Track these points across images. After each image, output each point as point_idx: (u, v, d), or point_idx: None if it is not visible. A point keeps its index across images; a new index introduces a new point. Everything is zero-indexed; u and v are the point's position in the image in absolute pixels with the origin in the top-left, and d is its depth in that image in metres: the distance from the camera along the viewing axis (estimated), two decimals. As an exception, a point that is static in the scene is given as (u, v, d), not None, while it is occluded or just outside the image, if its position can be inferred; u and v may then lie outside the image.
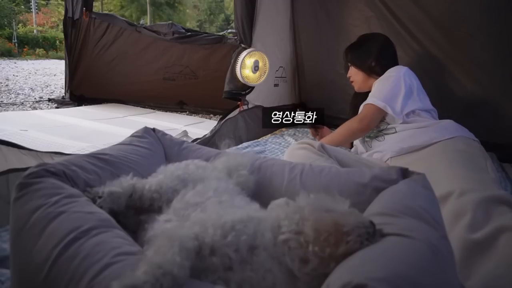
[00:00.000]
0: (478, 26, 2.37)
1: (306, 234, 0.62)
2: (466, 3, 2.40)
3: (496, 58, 2.36)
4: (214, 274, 0.59)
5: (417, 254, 0.60)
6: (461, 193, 1.12)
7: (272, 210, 0.72)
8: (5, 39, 15.38)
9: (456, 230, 1.04)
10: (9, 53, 14.37)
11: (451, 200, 1.12)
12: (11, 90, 5.69)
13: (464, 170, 1.26)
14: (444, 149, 1.46)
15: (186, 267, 0.56)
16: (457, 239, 1.02)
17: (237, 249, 0.61)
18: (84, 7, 4.32)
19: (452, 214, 1.08)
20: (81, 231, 0.65)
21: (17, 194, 0.75)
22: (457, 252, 0.92)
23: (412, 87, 1.77)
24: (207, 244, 0.59)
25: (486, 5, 2.34)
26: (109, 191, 0.83)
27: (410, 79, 1.78)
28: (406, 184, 0.88)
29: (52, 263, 0.62)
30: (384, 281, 0.51)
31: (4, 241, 1.13)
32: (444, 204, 1.12)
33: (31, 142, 2.21)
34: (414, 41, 2.62)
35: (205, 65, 4.05)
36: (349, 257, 0.60)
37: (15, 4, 19.17)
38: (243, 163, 1.00)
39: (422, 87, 1.83)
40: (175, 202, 0.80)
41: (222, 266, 0.60)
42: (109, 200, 0.82)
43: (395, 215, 0.72)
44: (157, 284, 0.52)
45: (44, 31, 18.70)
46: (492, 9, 2.33)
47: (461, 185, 1.15)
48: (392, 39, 2.03)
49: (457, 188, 1.14)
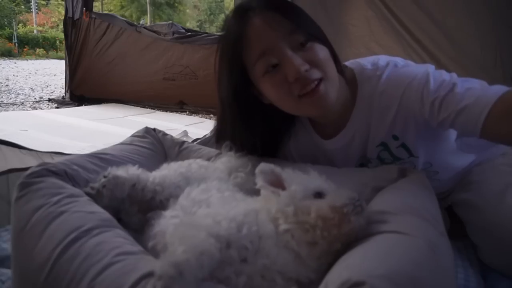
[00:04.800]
0: (478, 26, 2.37)
1: (309, 222, 0.64)
2: (466, 3, 2.40)
3: (496, 58, 2.36)
4: (230, 267, 0.59)
5: (416, 252, 0.60)
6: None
7: (261, 198, 0.73)
8: (5, 39, 15.39)
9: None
10: (9, 53, 14.39)
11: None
12: (11, 90, 5.70)
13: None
14: None
15: (218, 250, 0.56)
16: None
17: (251, 240, 0.62)
18: (84, 7, 4.33)
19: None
20: (82, 231, 0.65)
21: (18, 194, 0.75)
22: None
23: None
24: (223, 237, 0.59)
25: (486, 5, 2.35)
26: (114, 174, 0.82)
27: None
28: (405, 182, 0.88)
29: (53, 263, 0.62)
30: (383, 278, 0.51)
31: (4, 241, 1.13)
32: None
33: (31, 142, 2.20)
34: (414, 41, 2.62)
35: (205, 65, 4.05)
36: (348, 253, 0.62)
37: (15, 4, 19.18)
38: (244, 164, 1.00)
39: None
40: (181, 199, 0.80)
41: (238, 258, 0.60)
42: (113, 183, 0.81)
43: (394, 212, 0.72)
44: (197, 262, 0.52)
45: (44, 31, 18.72)
46: (492, 9, 2.33)
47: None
48: (392, 39, 2.03)
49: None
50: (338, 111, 1.00)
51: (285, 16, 0.91)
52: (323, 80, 0.91)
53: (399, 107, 0.97)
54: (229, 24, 0.97)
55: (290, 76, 0.89)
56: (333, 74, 0.94)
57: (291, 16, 0.92)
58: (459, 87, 0.87)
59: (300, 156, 1.13)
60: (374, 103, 0.99)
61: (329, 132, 1.07)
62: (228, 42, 0.97)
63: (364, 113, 1.02)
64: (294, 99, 0.92)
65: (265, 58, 0.90)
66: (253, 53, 0.92)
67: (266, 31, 0.90)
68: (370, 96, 1.00)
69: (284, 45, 0.89)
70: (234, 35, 0.94)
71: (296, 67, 0.87)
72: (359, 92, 1.01)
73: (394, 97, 0.97)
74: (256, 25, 0.91)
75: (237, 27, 0.94)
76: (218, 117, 1.10)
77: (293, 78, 0.88)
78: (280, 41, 0.89)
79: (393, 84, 0.97)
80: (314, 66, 0.90)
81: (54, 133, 2.80)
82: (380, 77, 0.98)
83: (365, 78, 1.01)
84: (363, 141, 1.05)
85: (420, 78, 0.92)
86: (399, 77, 0.97)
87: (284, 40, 0.89)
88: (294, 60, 0.88)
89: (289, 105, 0.97)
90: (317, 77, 0.90)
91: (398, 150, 1.04)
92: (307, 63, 0.89)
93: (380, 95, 0.98)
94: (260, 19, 0.90)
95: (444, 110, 0.88)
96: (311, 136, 1.10)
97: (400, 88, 0.96)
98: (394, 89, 0.97)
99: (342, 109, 1.01)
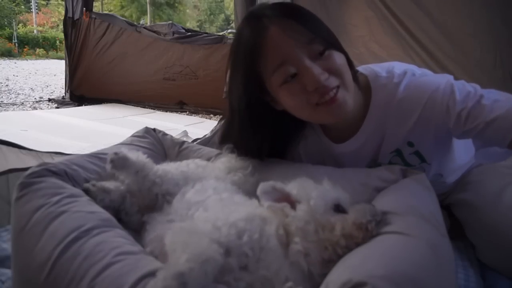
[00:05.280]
0: (478, 26, 2.37)
1: (330, 240, 0.62)
2: (466, 3, 2.40)
3: (496, 58, 2.36)
4: (230, 274, 0.58)
5: (416, 252, 0.60)
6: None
7: (272, 209, 0.70)
8: (5, 39, 15.38)
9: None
10: (9, 53, 14.38)
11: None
12: (11, 90, 5.69)
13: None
14: None
15: (222, 256, 0.55)
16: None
17: (252, 247, 0.61)
18: (84, 7, 4.33)
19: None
20: (82, 230, 0.65)
21: (19, 194, 0.75)
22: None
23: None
24: (222, 244, 0.58)
25: (486, 5, 2.35)
26: (124, 155, 0.84)
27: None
28: (406, 183, 0.88)
29: (53, 263, 0.62)
30: (384, 279, 0.51)
31: (4, 241, 1.13)
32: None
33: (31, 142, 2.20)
34: (415, 41, 2.61)
35: (205, 65, 4.05)
36: (349, 254, 0.62)
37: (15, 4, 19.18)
38: (245, 166, 1.00)
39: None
40: (175, 202, 0.80)
41: (238, 265, 0.59)
42: (121, 163, 0.83)
43: (396, 213, 0.72)
44: (201, 270, 0.51)
45: (44, 31, 18.71)
46: (492, 9, 2.33)
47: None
48: (392, 39, 2.03)
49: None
50: (351, 117, 0.99)
51: (302, 24, 0.88)
52: (340, 87, 0.90)
53: (420, 116, 0.96)
54: (243, 32, 0.94)
55: (309, 86, 0.87)
56: (349, 81, 0.93)
57: (308, 24, 0.89)
58: (485, 99, 0.89)
59: (309, 158, 1.12)
60: (391, 110, 0.98)
61: (340, 136, 1.06)
62: (243, 51, 0.93)
63: (378, 119, 1.00)
64: (312, 107, 0.90)
65: (284, 68, 0.88)
66: (271, 63, 0.89)
67: (284, 41, 0.86)
68: (386, 104, 0.99)
69: (302, 55, 0.86)
70: (250, 44, 0.90)
71: (316, 77, 0.86)
72: (373, 99, 1.00)
73: (416, 106, 0.96)
74: (273, 35, 0.87)
75: (252, 36, 0.90)
76: (225, 121, 1.09)
77: (313, 88, 0.87)
78: (299, 50, 0.87)
79: (413, 92, 0.96)
80: (332, 74, 0.89)
81: (54, 133, 2.80)
82: (399, 85, 0.96)
83: (379, 85, 0.99)
84: (375, 146, 1.05)
85: (444, 88, 0.93)
86: (421, 86, 0.96)
87: (303, 49, 0.87)
88: (314, 70, 0.86)
89: (306, 113, 0.95)
90: (335, 85, 0.89)
91: (410, 157, 1.04)
92: (326, 72, 0.88)
93: (399, 102, 0.97)
94: (277, 28, 0.87)
95: (471, 121, 0.89)
96: (321, 140, 1.10)
97: (423, 97, 0.95)
98: (415, 98, 0.96)
99: (354, 114, 1.00)
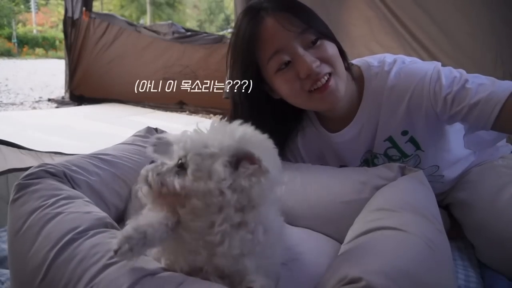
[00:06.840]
0: (478, 26, 2.37)
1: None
2: (466, 3, 2.39)
3: (496, 58, 2.36)
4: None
5: (413, 248, 0.60)
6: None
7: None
8: (4, 38, 15.37)
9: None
10: (8, 53, 14.37)
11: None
12: (11, 90, 5.69)
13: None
14: None
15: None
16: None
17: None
18: (84, 6, 4.33)
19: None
20: (78, 232, 0.64)
21: (15, 195, 0.74)
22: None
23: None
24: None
25: (486, 4, 2.34)
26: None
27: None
28: (404, 180, 0.89)
29: (48, 265, 0.61)
30: (380, 274, 0.51)
31: (4, 241, 1.13)
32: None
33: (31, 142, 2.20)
34: (415, 41, 2.61)
35: (205, 65, 4.05)
36: (345, 250, 0.63)
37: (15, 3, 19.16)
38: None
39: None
40: None
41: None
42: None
43: (392, 210, 0.73)
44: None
45: (44, 30, 18.70)
46: (492, 9, 2.32)
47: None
48: (393, 39, 2.03)
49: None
50: (345, 106, 1.05)
51: (296, 16, 0.94)
52: (332, 75, 0.95)
53: (410, 102, 1.00)
54: (241, 24, 1.00)
55: (302, 73, 0.93)
56: (341, 70, 0.98)
57: (302, 16, 0.95)
58: (470, 83, 0.92)
59: (308, 151, 1.16)
60: (383, 98, 1.03)
61: (336, 126, 1.10)
62: (241, 41, 0.99)
63: (372, 107, 1.04)
64: (305, 94, 0.96)
65: (278, 56, 0.94)
66: (267, 52, 0.95)
67: (279, 31, 0.93)
68: (379, 92, 1.03)
69: (296, 44, 0.93)
70: (248, 35, 0.97)
71: (308, 64, 0.92)
72: (366, 88, 1.05)
73: (405, 92, 1.00)
74: (269, 26, 0.94)
75: (250, 27, 0.97)
76: (229, 115, 1.14)
77: (305, 74, 0.93)
78: (293, 40, 0.93)
79: (403, 79, 1.01)
80: (324, 62, 0.95)
81: (54, 133, 2.80)
82: (389, 73, 1.01)
83: (372, 74, 1.04)
84: (370, 135, 1.08)
85: (431, 74, 0.97)
86: (409, 73, 1.01)
87: (296, 39, 0.93)
88: (306, 58, 0.92)
89: (300, 100, 1.00)
90: (327, 71, 0.94)
91: (406, 145, 1.06)
92: (318, 60, 0.93)
93: (390, 90, 1.01)
94: (273, 20, 0.94)
95: (456, 105, 0.92)
96: (318, 131, 1.13)
97: (411, 83, 0.99)
98: (404, 85, 1.00)
99: (349, 104, 1.05)
